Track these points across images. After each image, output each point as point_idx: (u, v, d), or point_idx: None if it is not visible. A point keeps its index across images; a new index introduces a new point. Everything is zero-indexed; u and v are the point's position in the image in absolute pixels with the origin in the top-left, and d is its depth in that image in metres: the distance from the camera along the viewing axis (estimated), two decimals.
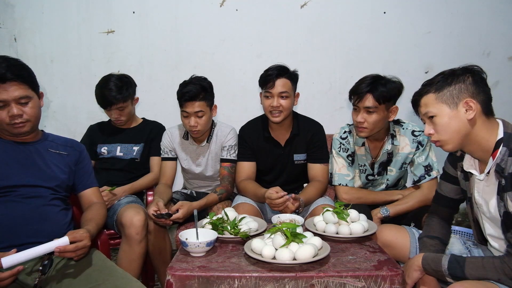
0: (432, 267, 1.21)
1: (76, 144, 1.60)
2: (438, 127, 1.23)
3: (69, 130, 2.66)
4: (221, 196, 1.97)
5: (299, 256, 1.22)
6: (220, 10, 2.65)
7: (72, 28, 2.62)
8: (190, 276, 1.18)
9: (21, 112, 1.34)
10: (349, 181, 1.93)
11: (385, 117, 1.80)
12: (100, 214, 1.50)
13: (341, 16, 2.68)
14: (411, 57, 2.72)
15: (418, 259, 1.27)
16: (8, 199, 1.34)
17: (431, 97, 1.23)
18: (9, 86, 1.31)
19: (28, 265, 1.30)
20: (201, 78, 1.98)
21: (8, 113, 1.33)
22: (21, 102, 1.34)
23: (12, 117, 1.33)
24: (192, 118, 1.93)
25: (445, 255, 1.21)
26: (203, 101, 1.92)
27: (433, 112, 1.23)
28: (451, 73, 1.23)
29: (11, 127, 1.35)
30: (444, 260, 1.18)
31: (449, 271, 1.16)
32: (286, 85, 1.90)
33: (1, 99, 1.31)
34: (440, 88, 1.22)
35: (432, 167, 1.86)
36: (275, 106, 1.90)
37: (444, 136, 1.23)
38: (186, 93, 1.89)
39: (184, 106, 1.92)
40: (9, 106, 1.32)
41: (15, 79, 1.32)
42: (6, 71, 1.30)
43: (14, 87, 1.32)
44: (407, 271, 1.29)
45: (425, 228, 1.46)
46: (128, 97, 2.08)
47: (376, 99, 1.74)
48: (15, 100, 1.33)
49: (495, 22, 2.71)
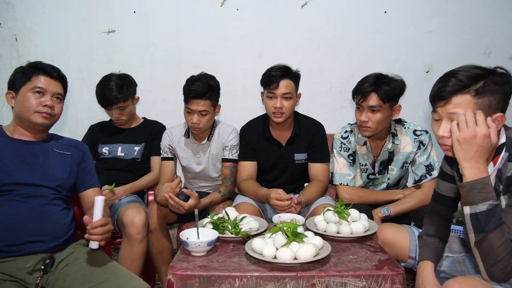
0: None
1: (80, 144, 1.63)
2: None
3: (70, 130, 2.66)
4: (224, 196, 1.98)
5: (300, 256, 1.22)
6: (220, 9, 2.64)
7: (73, 28, 2.62)
8: (191, 275, 1.18)
9: (53, 105, 1.46)
10: (350, 180, 1.93)
11: (389, 116, 1.80)
12: (108, 213, 1.53)
13: (342, 16, 2.67)
14: (412, 56, 2.72)
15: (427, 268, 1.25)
16: (9, 198, 1.34)
17: (468, 99, 1.10)
18: (54, 81, 1.49)
19: (30, 264, 1.30)
20: (209, 76, 1.97)
21: (42, 102, 1.44)
22: (56, 97, 1.49)
23: (45, 106, 1.43)
24: (196, 115, 1.92)
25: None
26: (209, 100, 1.91)
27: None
28: (495, 81, 1.11)
29: (38, 115, 1.43)
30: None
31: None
32: (289, 86, 1.90)
33: (42, 87, 1.44)
34: (481, 93, 1.09)
35: (433, 167, 1.85)
36: (278, 107, 1.90)
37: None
38: (192, 91, 1.88)
39: (189, 103, 1.91)
40: (45, 96, 1.45)
41: (59, 79, 1.51)
42: (54, 71, 1.50)
43: (58, 84, 1.50)
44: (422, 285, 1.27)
45: (425, 227, 1.45)
46: (128, 97, 2.08)
47: (381, 98, 1.73)
48: (52, 94, 1.47)
49: (496, 21, 2.70)
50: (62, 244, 1.40)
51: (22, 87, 1.44)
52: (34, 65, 1.49)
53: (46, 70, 1.48)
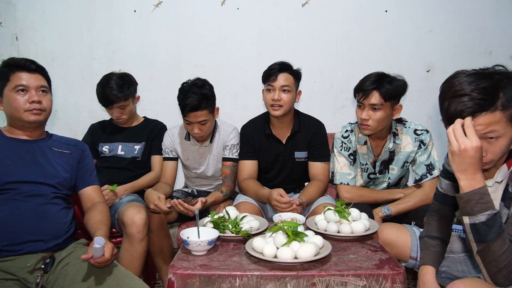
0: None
1: (79, 143, 1.63)
2: (497, 148, 1.09)
3: (70, 129, 2.66)
4: (225, 196, 1.98)
5: (301, 255, 1.22)
6: (221, 8, 2.64)
7: (73, 27, 2.62)
8: (192, 274, 1.18)
9: (40, 99, 1.43)
10: (351, 180, 1.93)
11: (389, 115, 1.80)
12: (107, 215, 1.51)
13: (342, 15, 2.67)
14: (413, 55, 2.71)
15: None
16: (9, 197, 1.34)
17: (498, 116, 1.06)
18: (33, 75, 1.44)
19: (30, 264, 1.30)
20: (201, 84, 1.91)
21: (28, 99, 1.40)
22: (41, 90, 1.45)
23: (32, 102, 1.40)
24: (196, 126, 1.92)
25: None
26: (206, 109, 1.89)
27: (500, 132, 1.07)
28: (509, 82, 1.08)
29: (29, 113, 1.41)
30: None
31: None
32: (288, 79, 1.91)
33: (24, 84, 1.41)
34: (507, 105, 1.06)
35: (434, 166, 1.85)
36: (276, 99, 1.90)
37: (497, 157, 1.11)
38: (187, 105, 1.85)
39: (187, 116, 1.89)
40: (30, 92, 1.41)
41: (38, 71, 1.46)
42: (31, 64, 1.44)
43: (38, 76, 1.45)
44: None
45: (426, 227, 1.45)
46: (129, 96, 2.08)
47: (382, 96, 1.74)
48: (36, 88, 1.43)
49: (497, 20, 2.70)
50: (62, 244, 1.40)
51: (4, 88, 1.42)
52: (8, 63, 1.44)
53: (21, 65, 1.43)
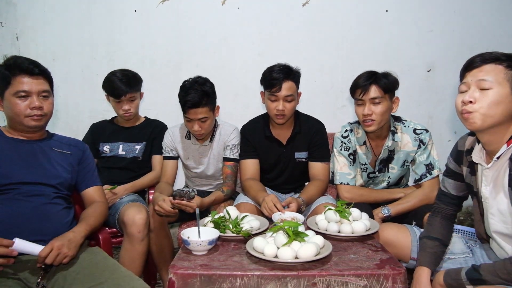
0: (452, 276, 1.18)
1: (79, 143, 1.63)
2: (485, 99, 1.12)
3: (71, 129, 2.66)
4: (226, 196, 1.98)
5: (301, 255, 1.22)
6: (221, 8, 2.64)
7: (73, 27, 2.62)
8: (192, 274, 1.18)
9: (41, 105, 1.40)
10: (351, 179, 1.93)
11: (390, 108, 1.80)
12: (95, 213, 1.50)
13: (343, 15, 2.67)
14: (413, 55, 2.71)
15: (440, 277, 1.24)
16: (10, 197, 1.34)
17: (500, 70, 1.12)
18: (35, 79, 1.40)
19: (31, 263, 1.30)
20: (202, 81, 1.92)
21: (29, 105, 1.38)
22: (43, 96, 1.42)
23: (33, 108, 1.38)
24: (196, 123, 1.92)
25: (465, 267, 1.19)
26: (206, 106, 1.89)
27: (493, 84, 1.11)
28: None
29: (29, 119, 1.40)
30: (464, 269, 1.17)
31: (467, 276, 1.14)
32: (291, 88, 1.90)
33: (25, 90, 1.37)
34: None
35: (434, 166, 1.85)
36: (280, 109, 1.90)
37: (484, 110, 1.12)
38: (188, 101, 1.85)
39: (187, 113, 1.90)
40: (31, 98, 1.38)
41: (41, 74, 1.42)
42: (34, 67, 1.39)
43: (41, 81, 1.41)
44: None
45: (427, 228, 1.44)
46: (137, 88, 2.12)
47: (382, 88, 1.75)
48: (37, 93, 1.40)
49: (497, 20, 2.70)
50: None
51: (5, 91, 1.38)
52: (10, 64, 1.39)
53: (24, 68, 1.38)
